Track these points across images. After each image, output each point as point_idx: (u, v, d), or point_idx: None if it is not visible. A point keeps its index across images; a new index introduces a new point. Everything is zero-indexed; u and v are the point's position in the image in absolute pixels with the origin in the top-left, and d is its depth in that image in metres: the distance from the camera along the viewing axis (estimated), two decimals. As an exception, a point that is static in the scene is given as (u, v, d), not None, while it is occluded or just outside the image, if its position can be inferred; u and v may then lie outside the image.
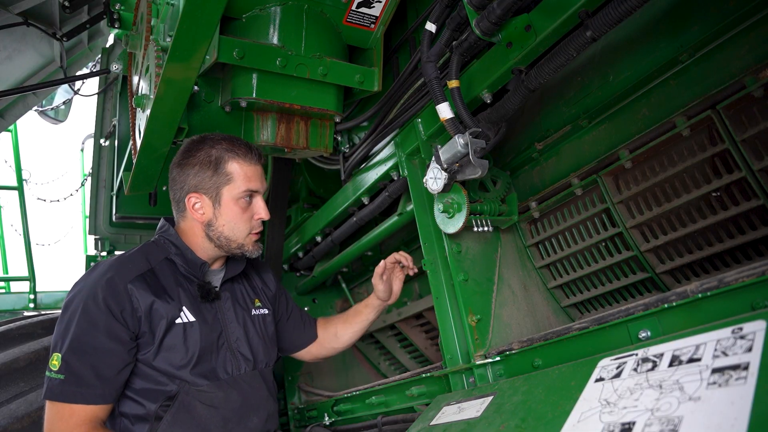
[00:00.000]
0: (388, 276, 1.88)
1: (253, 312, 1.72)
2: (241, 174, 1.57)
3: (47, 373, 1.41)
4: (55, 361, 1.40)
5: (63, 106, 5.26)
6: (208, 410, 1.50)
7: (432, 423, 1.34)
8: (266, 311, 1.78)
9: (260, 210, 1.61)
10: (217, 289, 1.63)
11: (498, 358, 1.44)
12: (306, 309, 3.07)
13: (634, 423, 0.82)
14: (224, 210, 1.57)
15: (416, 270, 1.88)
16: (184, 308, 1.52)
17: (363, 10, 1.89)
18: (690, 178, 1.35)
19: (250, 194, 1.59)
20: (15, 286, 5.66)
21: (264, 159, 1.65)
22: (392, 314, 2.60)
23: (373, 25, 1.95)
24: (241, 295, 1.70)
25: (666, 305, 1.06)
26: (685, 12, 1.26)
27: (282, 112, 1.97)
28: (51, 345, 1.44)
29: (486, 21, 1.34)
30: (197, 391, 1.49)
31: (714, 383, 0.77)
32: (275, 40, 1.80)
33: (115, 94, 3.50)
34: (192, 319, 1.52)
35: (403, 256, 1.86)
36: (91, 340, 1.40)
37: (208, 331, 1.54)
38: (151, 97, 1.66)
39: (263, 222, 1.65)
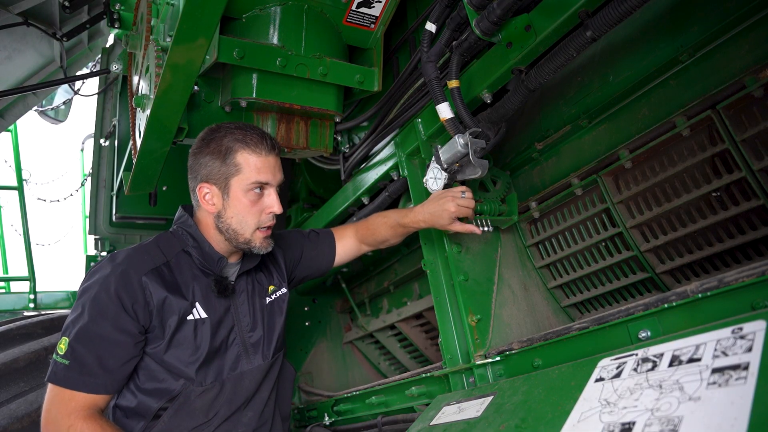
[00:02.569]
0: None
1: (268, 300, 1.69)
2: (251, 165, 1.49)
3: (53, 356, 1.41)
4: (63, 345, 1.40)
5: (63, 106, 5.26)
6: (204, 407, 1.50)
7: (432, 423, 1.34)
8: (282, 291, 1.74)
9: (272, 203, 1.53)
10: (232, 282, 1.60)
11: (498, 358, 1.44)
12: (306, 309, 3.08)
13: (634, 423, 0.82)
14: (233, 202, 1.51)
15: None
16: (197, 304, 1.50)
17: (363, 10, 1.89)
18: (690, 178, 1.35)
19: (261, 186, 1.51)
20: (15, 286, 5.65)
21: (280, 150, 1.58)
22: (392, 314, 2.60)
23: (373, 25, 1.95)
24: (255, 287, 1.68)
25: (666, 305, 1.06)
26: (685, 12, 1.26)
27: (282, 112, 1.97)
28: (62, 329, 1.45)
29: (486, 21, 1.34)
30: (198, 390, 1.49)
31: (714, 383, 0.77)
32: (275, 40, 1.80)
33: (115, 94, 3.50)
34: (204, 315, 1.50)
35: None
36: (99, 329, 1.40)
37: (219, 327, 1.53)
38: (151, 97, 1.66)
39: (277, 217, 1.60)
